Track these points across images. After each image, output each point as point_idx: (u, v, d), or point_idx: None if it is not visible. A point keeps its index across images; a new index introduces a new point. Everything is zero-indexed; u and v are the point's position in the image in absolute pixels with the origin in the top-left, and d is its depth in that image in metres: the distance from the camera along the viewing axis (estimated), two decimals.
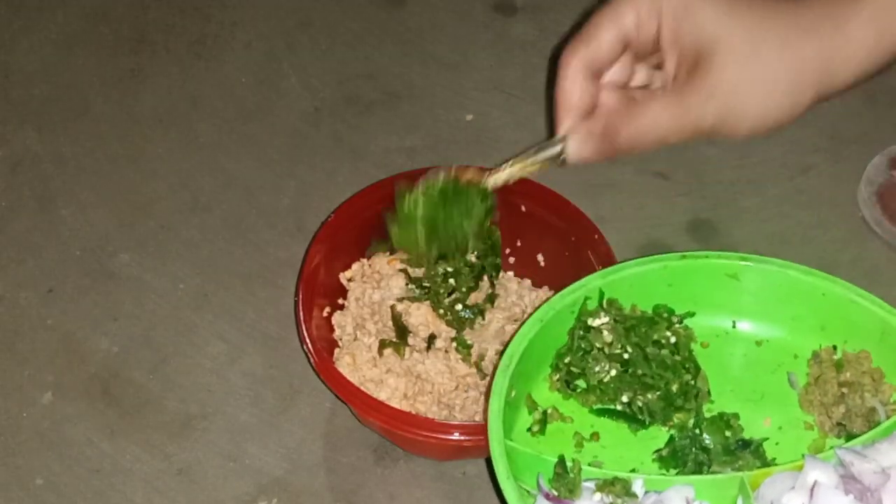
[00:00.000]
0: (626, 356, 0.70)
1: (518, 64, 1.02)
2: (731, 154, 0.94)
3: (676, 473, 0.67)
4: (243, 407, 0.78)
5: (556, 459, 0.63)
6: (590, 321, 0.70)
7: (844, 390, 0.69)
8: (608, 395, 0.70)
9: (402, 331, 0.77)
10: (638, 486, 0.63)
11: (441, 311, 0.77)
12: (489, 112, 0.98)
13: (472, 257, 0.81)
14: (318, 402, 0.78)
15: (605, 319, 0.70)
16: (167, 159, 0.94)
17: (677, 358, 0.70)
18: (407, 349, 0.76)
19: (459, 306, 0.78)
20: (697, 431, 0.68)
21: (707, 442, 0.68)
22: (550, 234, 0.80)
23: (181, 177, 0.93)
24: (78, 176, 0.93)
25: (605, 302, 0.71)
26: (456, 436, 0.68)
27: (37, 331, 0.83)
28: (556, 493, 0.62)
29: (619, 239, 0.79)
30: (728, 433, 0.68)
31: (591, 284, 0.70)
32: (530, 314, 0.69)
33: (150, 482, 0.74)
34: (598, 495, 0.62)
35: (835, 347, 0.71)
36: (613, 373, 0.70)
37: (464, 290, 0.78)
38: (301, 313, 0.73)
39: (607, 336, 0.69)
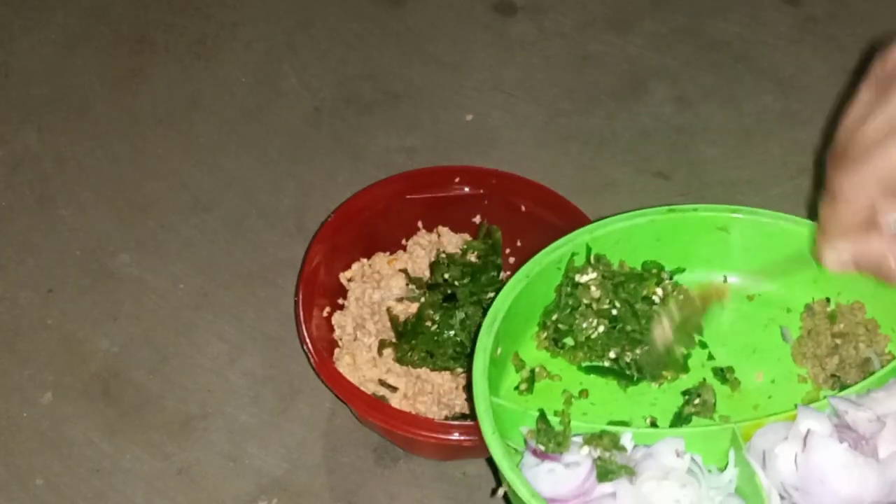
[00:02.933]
0: (614, 312, 0.69)
1: (518, 64, 1.02)
2: (731, 154, 0.94)
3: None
4: (243, 407, 0.78)
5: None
6: (577, 277, 0.69)
7: (838, 341, 0.68)
8: (596, 351, 0.69)
9: (400, 332, 0.77)
10: (627, 440, 0.62)
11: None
12: (489, 112, 0.98)
13: (472, 257, 0.81)
14: (318, 402, 0.78)
15: (593, 275, 0.69)
16: (167, 159, 0.94)
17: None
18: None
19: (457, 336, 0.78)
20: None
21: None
22: (550, 234, 0.79)
23: (181, 177, 0.93)
24: (78, 176, 0.93)
25: (592, 257, 0.70)
26: (456, 436, 0.68)
27: (37, 331, 0.83)
28: (542, 448, 0.61)
29: None
30: (725, 387, 0.68)
31: (577, 240, 0.69)
32: (515, 271, 0.68)
33: (150, 482, 0.74)
34: (585, 449, 0.61)
35: (828, 300, 0.70)
36: (601, 329, 0.69)
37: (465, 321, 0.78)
38: (301, 313, 0.73)
39: (595, 292, 0.69)
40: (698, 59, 1.02)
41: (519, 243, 0.83)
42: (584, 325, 0.69)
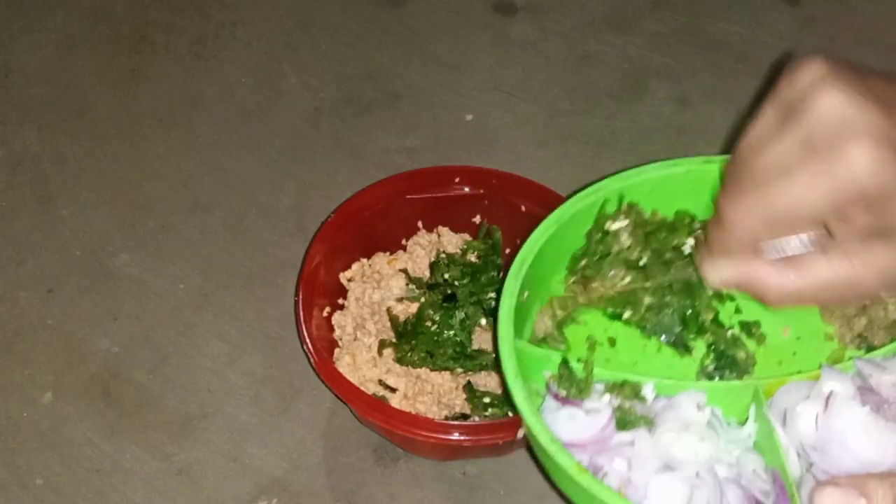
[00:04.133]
0: (641, 263, 0.68)
1: (518, 64, 1.02)
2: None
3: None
4: (243, 407, 0.78)
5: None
6: (608, 225, 0.68)
7: (867, 302, 0.67)
8: (618, 304, 0.68)
9: (400, 332, 0.77)
10: (648, 390, 0.62)
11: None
12: (489, 112, 0.98)
13: (472, 257, 0.81)
14: (318, 402, 0.78)
15: (625, 223, 0.67)
16: (167, 159, 0.94)
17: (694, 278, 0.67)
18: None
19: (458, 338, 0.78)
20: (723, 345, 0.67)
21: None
22: None
23: (181, 177, 0.93)
24: (78, 176, 0.93)
25: (624, 205, 0.68)
26: (456, 436, 0.68)
27: (37, 331, 0.83)
28: (563, 393, 0.61)
29: None
30: (750, 341, 0.67)
31: (610, 187, 0.68)
32: (546, 216, 0.66)
33: (150, 482, 0.74)
34: (606, 396, 0.61)
35: None
36: (627, 280, 0.68)
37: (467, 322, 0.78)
38: (301, 313, 0.73)
39: (625, 240, 0.67)
40: (698, 59, 1.02)
41: (519, 243, 0.82)
42: (612, 274, 0.68)
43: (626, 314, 0.68)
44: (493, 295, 0.78)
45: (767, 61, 1.01)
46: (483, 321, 0.78)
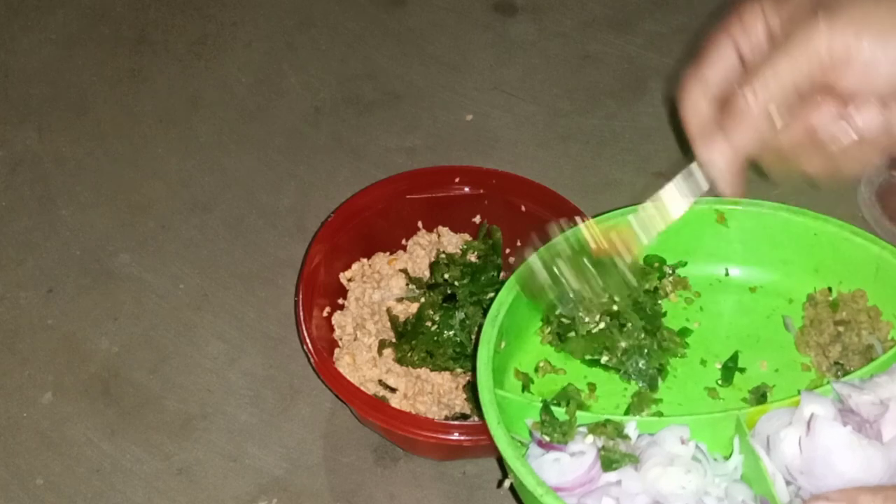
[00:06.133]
0: (615, 307, 0.69)
1: (518, 64, 1.02)
2: None
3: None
4: (243, 407, 0.78)
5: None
6: None
7: (841, 329, 0.68)
8: (596, 348, 0.69)
9: (400, 333, 0.77)
10: (631, 429, 0.62)
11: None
12: (489, 112, 0.98)
13: (472, 257, 0.81)
14: (318, 402, 0.78)
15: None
16: (167, 159, 0.94)
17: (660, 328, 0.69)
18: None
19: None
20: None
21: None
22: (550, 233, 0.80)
23: (181, 177, 0.93)
24: (78, 176, 0.93)
25: None
26: (456, 436, 0.68)
27: (37, 331, 0.83)
28: (547, 439, 0.61)
29: None
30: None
31: (579, 234, 0.69)
32: (517, 265, 0.68)
33: (150, 482, 0.74)
34: (590, 438, 0.61)
35: (830, 289, 0.70)
36: (602, 325, 0.69)
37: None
38: (301, 313, 0.73)
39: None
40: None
41: (519, 243, 0.83)
42: (587, 320, 0.69)
43: (604, 359, 0.69)
44: (492, 295, 0.78)
45: None
46: (483, 320, 0.78)
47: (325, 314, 0.78)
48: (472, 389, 0.74)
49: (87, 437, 0.77)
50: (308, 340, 0.72)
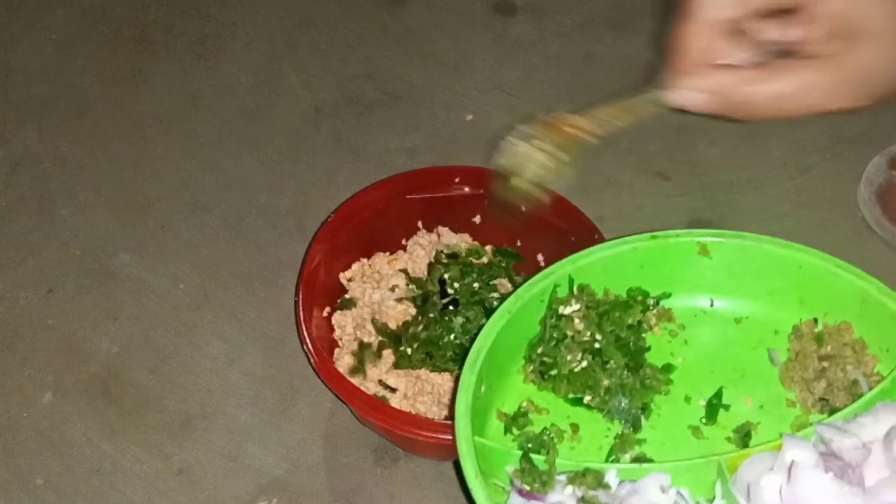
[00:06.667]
0: (596, 345, 0.68)
1: (518, 64, 1.02)
2: (731, 154, 0.94)
3: None
4: (243, 407, 0.78)
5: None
6: (561, 309, 0.68)
7: (825, 364, 0.67)
8: (579, 387, 0.68)
9: (390, 336, 0.77)
10: (611, 477, 0.61)
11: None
12: (489, 112, 0.98)
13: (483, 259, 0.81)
14: (318, 402, 0.78)
15: (577, 307, 0.68)
16: (167, 159, 0.94)
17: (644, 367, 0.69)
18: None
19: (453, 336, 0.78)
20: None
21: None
22: (550, 234, 0.80)
23: (181, 177, 0.93)
24: (78, 176, 0.93)
25: (575, 288, 0.69)
26: None
27: (37, 331, 0.83)
28: (527, 488, 0.61)
29: None
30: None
31: (560, 271, 0.69)
32: (497, 307, 0.67)
33: (150, 482, 0.74)
34: (569, 488, 0.60)
35: (815, 320, 0.69)
36: (584, 364, 0.68)
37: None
38: (301, 313, 0.73)
39: (578, 324, 0.68)
40: None
41: (519, 243, 0.83)
42: (569, 358, 0.68)
43: (587, 398, 0.68)
44: (495, 294, 0.78)
45: None
46: (485, 321, 0.77)
47: (325, 314, 0.78)
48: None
49: (87, 437, 0.77)
50: (308, 340, 0.72)
